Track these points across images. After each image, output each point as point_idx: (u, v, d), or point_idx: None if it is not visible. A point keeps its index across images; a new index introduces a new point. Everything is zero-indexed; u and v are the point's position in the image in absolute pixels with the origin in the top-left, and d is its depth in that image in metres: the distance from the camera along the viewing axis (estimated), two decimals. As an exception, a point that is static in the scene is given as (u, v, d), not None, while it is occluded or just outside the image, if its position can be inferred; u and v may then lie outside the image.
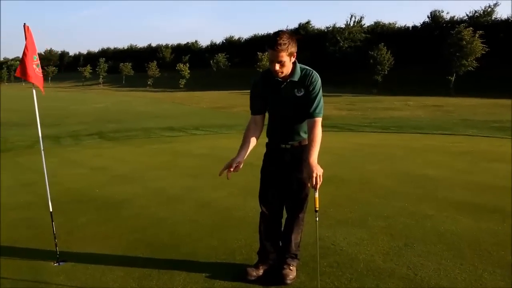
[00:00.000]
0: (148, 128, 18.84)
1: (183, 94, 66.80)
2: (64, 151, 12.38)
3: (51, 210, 4.34)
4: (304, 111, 3.33)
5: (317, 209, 3.11)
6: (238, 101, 44.67)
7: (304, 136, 3.42)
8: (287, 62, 3.17)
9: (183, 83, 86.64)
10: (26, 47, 3.99)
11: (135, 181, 7.70)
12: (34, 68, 4.04)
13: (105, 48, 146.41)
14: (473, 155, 9.01)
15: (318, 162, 3.12)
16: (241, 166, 3.33)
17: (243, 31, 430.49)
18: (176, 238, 4.65)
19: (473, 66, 51.06)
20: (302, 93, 3.30)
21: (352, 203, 5.66)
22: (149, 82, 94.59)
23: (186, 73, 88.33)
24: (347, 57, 70.40)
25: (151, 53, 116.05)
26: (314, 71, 3.35)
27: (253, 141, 3.46)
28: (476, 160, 8.35)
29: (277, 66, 3.16)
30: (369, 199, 5.83)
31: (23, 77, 4.01)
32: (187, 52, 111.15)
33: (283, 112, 3.43)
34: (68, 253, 4.34)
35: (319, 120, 3.29)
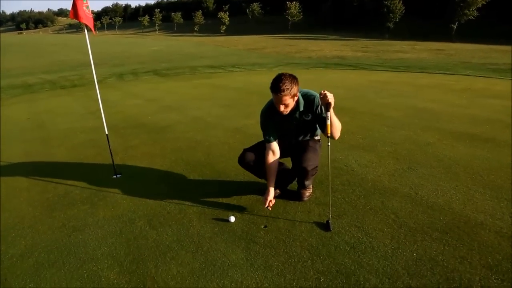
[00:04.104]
0: (193, 66, 18.51)
1: (223, 38, 65.16)
2: (126, 85, 12.33)
3: (106, 133, 4.23)
4: (315, 127, 3.16)
5: (329, 134, 2.86)
6: (269, 43, 43.20)
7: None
8: (290, 103, 2.88)
9: (223, 28, 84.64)
10: None
11: (178, 110, 7.55)
12: (85, 10, 3.69)
13: (160, 0, 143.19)
14: (471, 92, 8.40)
15: (336, 96, 2.82)
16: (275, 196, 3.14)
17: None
18: (211, 158, 4.52)
19: (473, 15, 47.66)
20: (310, 117, 3.04)
21: (364, 131, 5.36)
22: (195, 28, 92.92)
23: (226, 20, 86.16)
24: (364, 6, 66.28)
25: (197, 3, 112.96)
26: (314, 95, 2.99)
27: (276, 167, 3.10)
28: (473, 97, 7.77)
29: (282, 107, 2.88)
30: (379, 128, 5.52)
31: (75, 18, 3.67)
32: (227, 2, 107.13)
33: (295, 135, 3.22)
34: (124, 168, 4.31)
35: None
